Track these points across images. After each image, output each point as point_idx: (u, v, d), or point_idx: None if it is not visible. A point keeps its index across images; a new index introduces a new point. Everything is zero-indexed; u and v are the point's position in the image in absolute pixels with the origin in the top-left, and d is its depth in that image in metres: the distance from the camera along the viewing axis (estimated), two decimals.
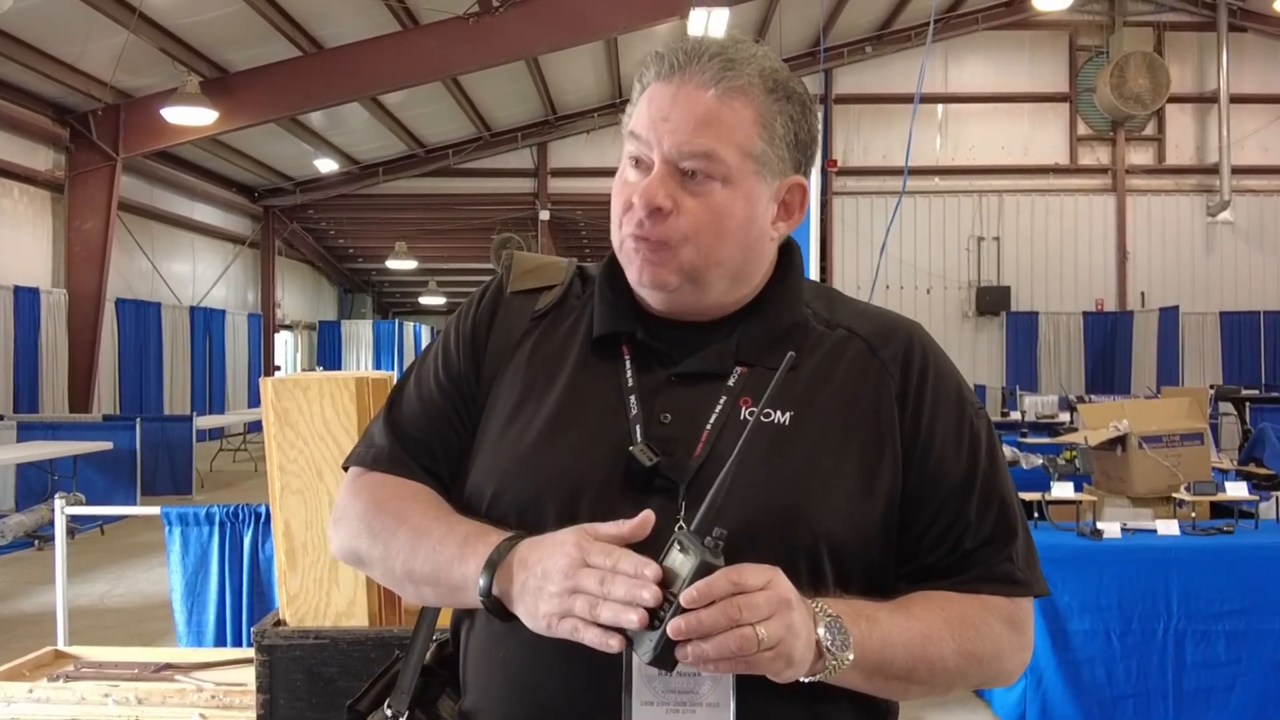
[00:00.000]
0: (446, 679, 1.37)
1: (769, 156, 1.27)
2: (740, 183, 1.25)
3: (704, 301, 1.30)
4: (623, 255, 1.30)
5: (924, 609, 1.23)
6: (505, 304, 1.40)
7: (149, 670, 3.51)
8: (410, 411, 1.39)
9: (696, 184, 1.24)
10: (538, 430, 1.29)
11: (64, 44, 12.09)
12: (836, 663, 1.12)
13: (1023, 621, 1.29)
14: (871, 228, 18.94)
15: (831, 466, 1.24)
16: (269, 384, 2.56)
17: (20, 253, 13.33)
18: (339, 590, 2.59)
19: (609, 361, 1.32)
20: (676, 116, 1.24)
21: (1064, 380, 18.63)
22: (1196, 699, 4.66)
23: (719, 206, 1.24)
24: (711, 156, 1.23)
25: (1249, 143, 19.30)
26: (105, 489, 11.02)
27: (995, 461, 1.32)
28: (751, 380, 1.28)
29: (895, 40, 19.11)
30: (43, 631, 5.62)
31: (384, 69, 13.83)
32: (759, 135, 1.26)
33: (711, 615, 1.03)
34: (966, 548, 1.28)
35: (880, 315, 1.37)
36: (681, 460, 1.23)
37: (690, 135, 1.23)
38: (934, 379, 1.31)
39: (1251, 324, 19.24)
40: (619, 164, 1.33)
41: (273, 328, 21.70)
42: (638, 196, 1.24)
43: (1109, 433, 5.38)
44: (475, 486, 1.31)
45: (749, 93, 1.25)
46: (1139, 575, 4.64)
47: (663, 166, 1.24)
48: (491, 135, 19.63)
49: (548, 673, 1.21)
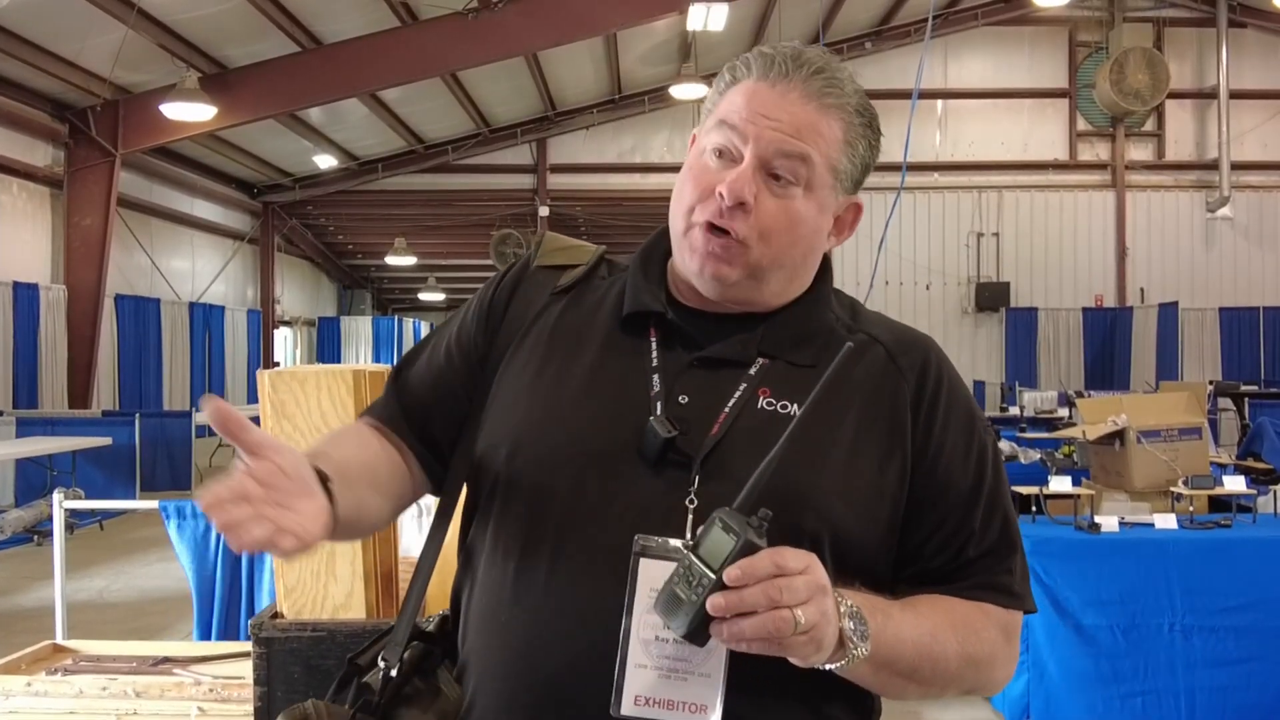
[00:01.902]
0: (446, 649, 1.38)
1: (846, 174, 1.33)
2: (818, 192, 1.30)
3: (754, 299, 1.33)
4: (685, 240, 1.31)
5: (930, 609, 1.26)
6: (530, 277, 1.44)
7: (147, 664, 3.51)
8: (418, 370, 1.45)
9: (780, 186, 1.28)
10: (560, 397, 1.32)
11: (63, 40, 12.07)
12: (857, 653, 1.13)
13: (1014, 633, 1.33)
14: (871, 224, 18.76)
15: (844, 459, 1.26)
16: (266, 377, 2.55)
17: (19, 249, 13.33)
18: (336, 582, 2.59)
19: (635, 340, 1.34)
20: (780, 117, 1.27)
21: (1063, 376, 18.63)
22: (1212, 697, 4.63)
23: (796, 212, 1.29)
24: (806, 160, 1.28)
25: (1248, 139, 19.29)
26: (104, 485, 11.03)
27: (1000, 477, 1.36)
28: (772, 372, 1.31)
29: (895, 36, 19.08)
30: (41, 626, 5.62)
31: (383, 65, 13.82)
32: (844, 153, 1.32)
33: (753, 594, 1.04)
34: (969, 556, 1.31)
35: (900, 327, 1.42)
36: (696, 439, 1.25)
37: (790, 136, 1.27)
38: (948, 390, 1.35)
39: (1251, 320, 19.23)
40: (686, 155, 1.35)
41: (272, 324, 21.68)
42: (725, 187, 1.25)
43: (1107, 427, 5.38)
44: (491, 443, 1.34)
45: (844, 111, 1.31)
46: (1137, 569, 4.64)
47: (754, 161, 1.27)
48: (491, 131, 19.61)
49: (546, 636, 1.23)
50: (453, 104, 17.46)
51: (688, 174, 1.32)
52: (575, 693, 1.21)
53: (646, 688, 1.15)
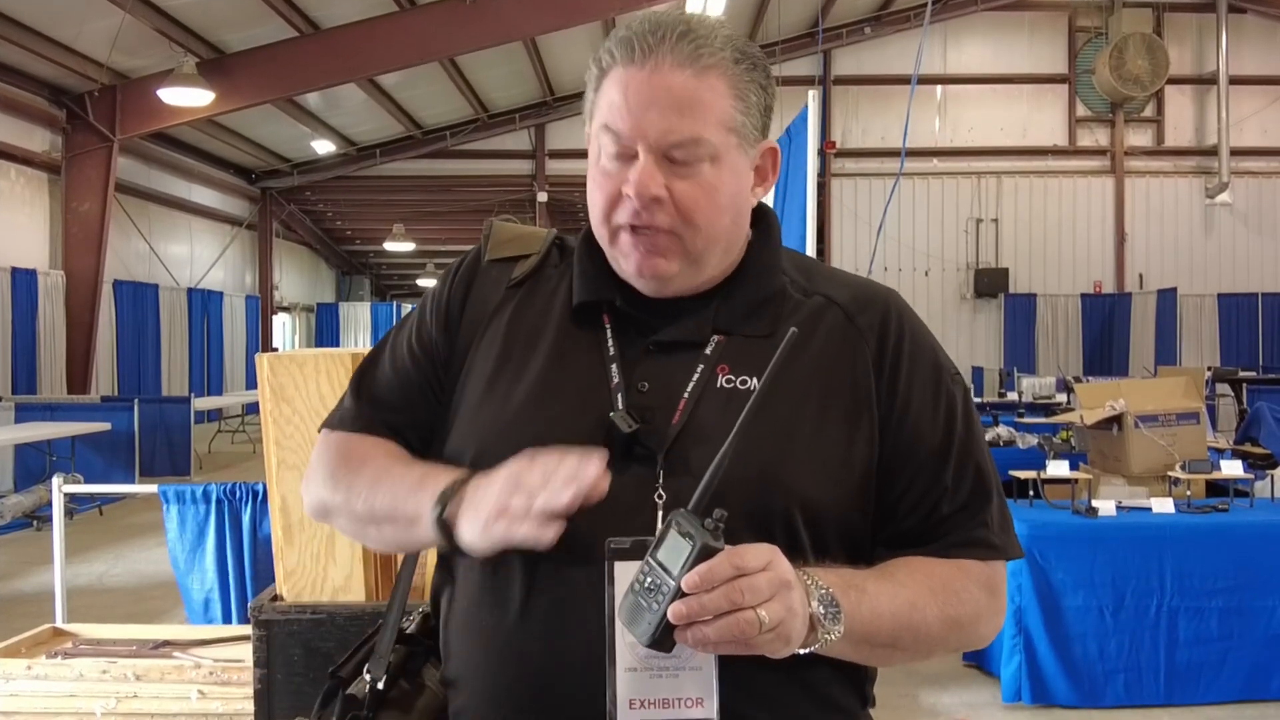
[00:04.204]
0: (430, 648, 1.38)
1: (747, 127, 1.27)
2: (726, 158, 1.26)
3: (697, 282, 1.30)
4: (616, 249, 1.29)
5: (908, 576, 1.24)
6: (483, 272, 1.41)
7: (147, 647, 3.53)
8: (381, 378, 1.42)
9: (685, 168, 1.23)
10: (520, 397, 1.29)
11: (60, 25, 12.03)
12: (829, 636, 1.12)
13: (998, 585, 1.31)
14: (870, 210, 18.91)
15: (809, 432, 1.25)
16: (265, 360, 2.56)
17: (17, 234, 13.31)
18: (336, 565, 2.60)
19: (590, 330, 1.32)
20: (659, 103, 1.22)
21: (1062, 362, 18.64)
22: (1188, 674, 4.71)
23: (711, 184, 1.24)
24: (699, 140, 1.23)
25: (1248, 124, 19.26)
26: (103, 470, 11.03)
27: (971, 427, 1.33)
28: (729, 349, 1.28)
29: (894, 21, 19.03)
30: (41, 611, 5.64)
31: (381, 50, 13.77)
32: (736, 108, 1.26)
33: (714, 599, 1.03)
34: (943, 513, 1.29)
35: (857, 283, 1.38)
36: (660, 428, 1.23)
37: (676, 122, 1.22)
38: (910, 345, 1.32)
39: (1249, 306, 19.25)
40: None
41: (270, 310, 21.69)
42: (630, 189, 1.22)
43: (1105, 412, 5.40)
44: (455, 450, 1.32)
45: (722, 67, 1.24)
46: (1133, 553, 4.67)
47: (649, 156, 1.23)
48: (489, 117, 19.58)
49: (529, 641, 1.22)
50: (451, 89, 17.41)
51: (592, 183, 1.29)
52: (564, 697, 1.20)
53: (640, 690, 1.14)
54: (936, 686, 5.08)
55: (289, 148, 19.34)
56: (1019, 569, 4.57)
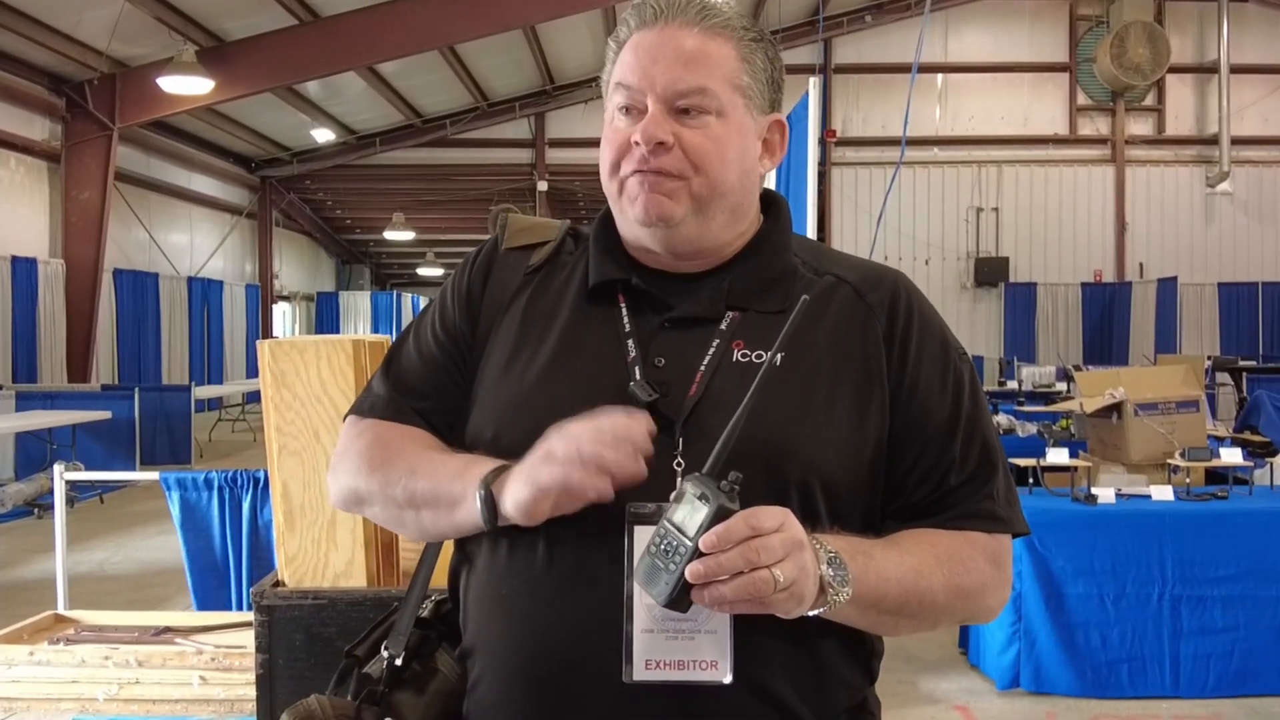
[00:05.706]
0: (444, 633, 1.39)
1: (753, 90, 1.33)
2: (732, 114, 1.31)
3: (704, 238, 1.33)
4: (624, 198, 1.32)
5: (914, 545, 1.27)
6: (500, 260, 1.44)
7: (149, 634, 3.54)
8: (409, 364, 1.44)
9: (692, 119, 1.29)
10: (536, 374, 1.32)
11: (59, 13, 12.02)
12: (838, 598, 1.15)
13: (1004, 558, 1.33)
14: (870, 199, 18.90)
15: (822, 404, 1.27)
16: (266, 346, 2.57)
17: (17, 223, 13.30)
18: (337, 551, 2.61)
19: (605, 309, 1.35)
20: (667, 56, 1.29)
21: (1062, 351, 18.64)
22: (1195, 665, 4.69)
23: (718, 136, 1.29)
24: (705, 91, 1.29)
25: (1249, 113, 19.24)
26: (104, 459, 11.04)
27: (977, 402, 1.37)
28: (744, 324, 1.31)
29: (894, 10, 18.99)
30: (42, 598, 5.65)
31: (381, 38, 13.74)
32: (743, 70, 1.32)
33: (730, 558, 1.06)
34: (951, 484, 1.31)
35: (866, 264, 1.42)
36: (676, 400, 1.26)
37: (683, 72, 1.28)
38: (919, 322, 1.35)
39: (1249, 295, 19.24)
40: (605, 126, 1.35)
41: (270, 299, 21.68)
42: (639, 134, 1.28)
43: (1105, 400, 5.40)
44: (475, 430, 1.35)
45: (730, 30, 1.31)
46: (1133, 540, 4.67)
47: (659, 106, 1.28)
48: (489, 105, 19.53)
49: (547, 607, 1.25)
50: (451, 78, 17.39)
51: (604, 141, 1.34)
52: (581, 660, 1.22)
53: (656, 651, 1.17)
54: (935, 674, 5.09)
55: (289, 136, 19.31)
56: (1019, 555, 4.57)
